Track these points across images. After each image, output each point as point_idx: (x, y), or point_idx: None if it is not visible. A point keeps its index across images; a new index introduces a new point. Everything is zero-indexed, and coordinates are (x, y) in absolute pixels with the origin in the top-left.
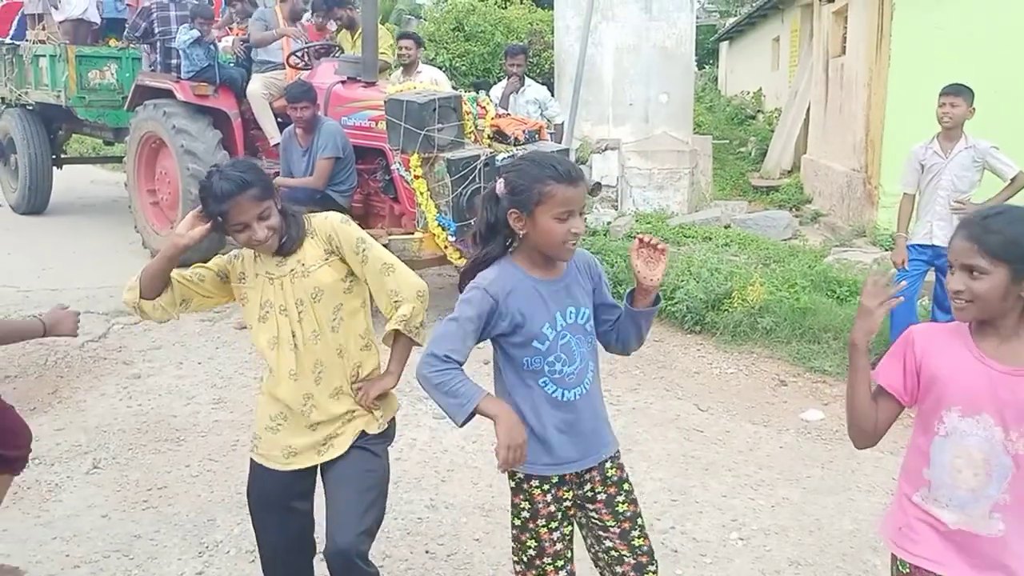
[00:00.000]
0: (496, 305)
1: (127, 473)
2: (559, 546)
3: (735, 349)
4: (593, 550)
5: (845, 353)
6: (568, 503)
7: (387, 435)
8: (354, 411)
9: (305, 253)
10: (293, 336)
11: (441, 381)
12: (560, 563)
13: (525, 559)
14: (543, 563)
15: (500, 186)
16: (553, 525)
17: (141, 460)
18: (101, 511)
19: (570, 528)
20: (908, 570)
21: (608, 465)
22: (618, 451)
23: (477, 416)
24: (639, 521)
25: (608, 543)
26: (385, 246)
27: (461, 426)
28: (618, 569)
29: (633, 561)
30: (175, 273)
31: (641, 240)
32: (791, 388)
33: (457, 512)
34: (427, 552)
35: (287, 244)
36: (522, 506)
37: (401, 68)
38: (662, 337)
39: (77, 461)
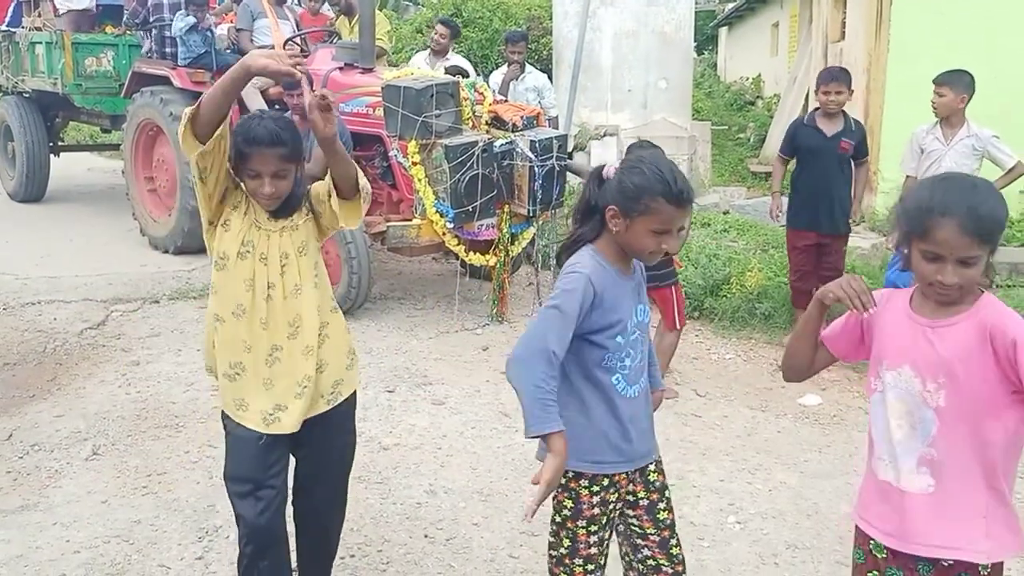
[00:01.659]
0: (595, 297)
1: (126, 459)
2: (593, 550)
3: (733, 335)
4: (628, 559)
5: None
6: (611, 507)
7: (352, 403)
8: (309, 377)
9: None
10: (270, 287)
11: (545, 389)
12: (591, 567)
13: (556, 556)
14: (572, 564)
15: (611, 171)
16: (593, 528)
17: (140, 446)
18: (101, 497)
19: (610, 533)
20: (855, 532)
21: (651, 469)
22: (660, 456)
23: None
24: (675, 529)
25: (646, 551)
26: (383, 233)
27: (528, 437)
28: None
29: (671, 571)
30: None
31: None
32: None
33: (456, 497)
34: (426, 536)
35: (281, 212)
36: (565, 504)
37: (430, 52)
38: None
39: (76, 447)
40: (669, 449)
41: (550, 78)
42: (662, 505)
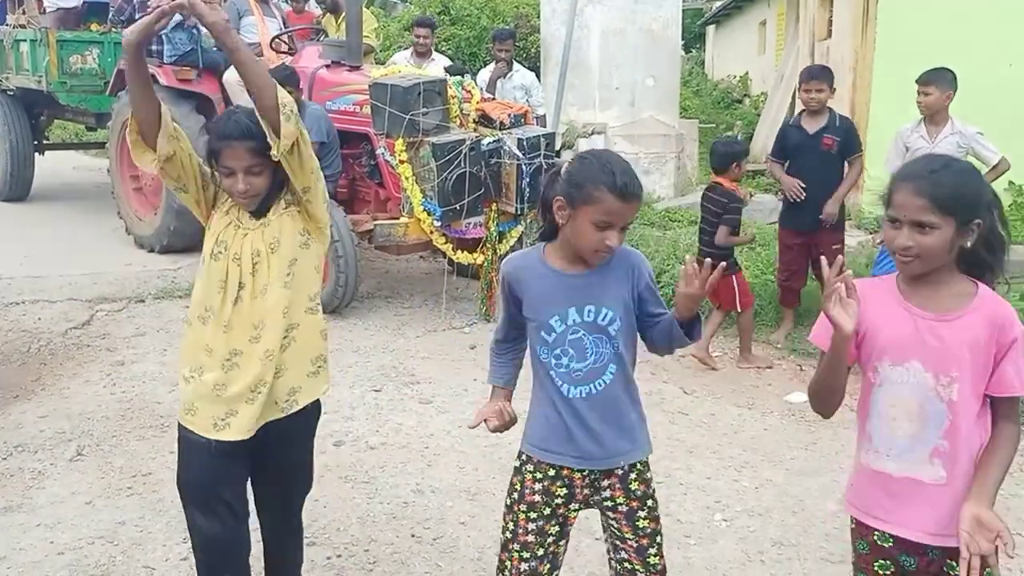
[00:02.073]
0: (510, 287)
1: (111, 460)
2: (530, 538)
3: (720, 332)
4: (609, 555)
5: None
6: (560, 502)
7: (312, 413)
8: (265, 382)
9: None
10: (240, 288)
11: (493, 360)
12: (526, 555)
13: (503, 540)
14: (511, 549)
15: (565, 168)
16: (533, 515)
17: (125, 447)
18: (85, 498)
19: (556, 529)
20: (854, 525)
21: (633, 477)
22: (644, 463)
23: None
24: (658, 539)
25: (624, 554)
26: (370, 231)
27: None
28: None
29: None
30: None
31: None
32: (776, 371)
33: (443, 496)
34: (413, 536)
35: (263, 210)
36: (514, 486)
37: (413, 53)
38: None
39: (61, 448)
40: (656, 447)
41: (538, 76)
42: (643, 514)
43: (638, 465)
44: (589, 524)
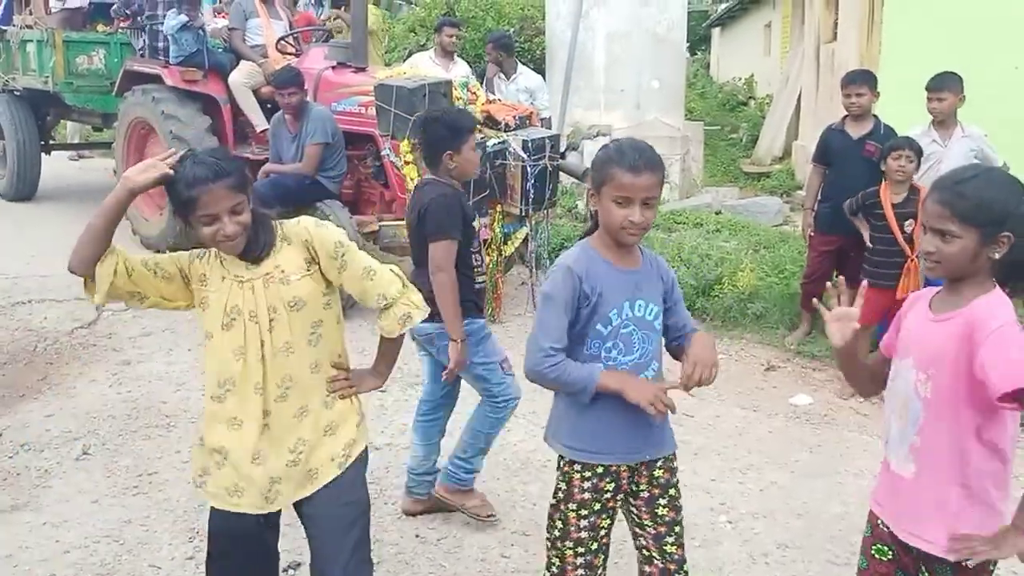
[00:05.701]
0: (579, 283)
1: (117, 459)
2: (584, 535)
3: (725, 334)
4: (634, 542)
5: None
6: (608, 495)
7: (363, 460)
8: (312, 442)
9: (284, 259)
10: (262, 346)
11: (556, 375)
12: (580, 551)
13: (550, 538)
14: (563, 547)
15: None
16: (584, 512)
17: (131, 446)
18: (91, 497)
19: (608, 521)
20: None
21: (659, 465)
22: (673, 454)
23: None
24: (676, 529)
25: (642, 541)
26: (375, 232)
27: (591, 397)
28: (646, 569)
29: (661, 566)
30: (131, 259)
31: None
32: (780, 373)
33: None
34: (417, 536)
35: (254, 249)
36: (559, 486)
37: (437, 54)
38: None
39: (67, 447)
40: None
41: (543, 78)
42: (663, 501)
43: (669, 455)
44: None
